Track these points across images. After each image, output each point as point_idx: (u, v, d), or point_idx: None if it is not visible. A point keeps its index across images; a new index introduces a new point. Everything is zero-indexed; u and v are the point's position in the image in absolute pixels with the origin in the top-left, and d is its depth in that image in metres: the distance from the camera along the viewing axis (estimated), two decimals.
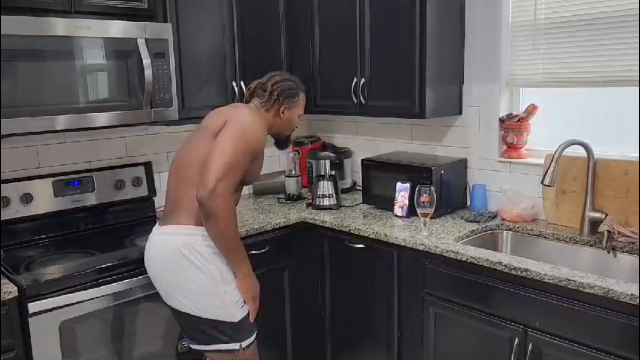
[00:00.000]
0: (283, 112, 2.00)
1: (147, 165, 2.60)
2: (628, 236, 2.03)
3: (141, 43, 2.15)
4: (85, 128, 2.11)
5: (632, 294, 1.59)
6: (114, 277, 1.99)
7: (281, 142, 2.14)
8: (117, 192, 2.49)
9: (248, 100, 2.05)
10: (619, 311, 1.63)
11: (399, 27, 2.41)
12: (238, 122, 1.83)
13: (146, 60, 2.15)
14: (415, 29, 2.34)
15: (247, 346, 1.87)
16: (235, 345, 1.84)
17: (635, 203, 2.07)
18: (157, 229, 1.92)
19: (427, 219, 2.26)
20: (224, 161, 1.73)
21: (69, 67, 2.01)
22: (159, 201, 2.68)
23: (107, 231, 2.44)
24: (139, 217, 2.57)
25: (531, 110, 2.42)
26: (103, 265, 1.98)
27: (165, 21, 2.29)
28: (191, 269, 1.78)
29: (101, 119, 2.12)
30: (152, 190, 2.61)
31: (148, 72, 2.16)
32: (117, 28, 2.10)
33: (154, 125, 2.55)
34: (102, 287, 1.95)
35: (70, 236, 2.36)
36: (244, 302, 1.86)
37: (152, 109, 2.24)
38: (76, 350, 1.92)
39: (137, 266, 2.03)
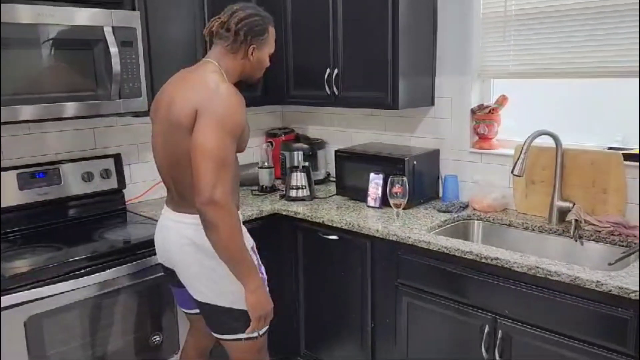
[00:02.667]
0: (252, 54, 1.77)
1: (117, 157, 2.55)
2: (594, 224, 2.08)
3: (108, 31, 2.10)
4: (51, 119, 2.05)
5: (597, 281, 1.63)
6: (83, 271, 1.94)
7: (252, 85, 1.95)
8: (85, 185, 2.43)
9: (209, 42, 1.81)
10: (585, 298, 1.67)
11: (371, 17, 2.41)
12: (212, 110, 1.59)
13: (113, 49, 2.10)
14: (387, 20, 2.34)
15: (264, 332, 1.81)
16: (253, 333, 1.76)
17: (602, 192, 2.12)
18: (169, 213, 1.81)
19: (400, 209, 2.28)
20: (212, 165, 1.55)
21: (33, 56, 1.95)
22: (130, 193, 2.64)
23: (75, 225, 2.39)
24: (109, 210, 2.52)
25: (502, 101, 2.45)
26: (71, 259, 1.93)
27: (133, 9, 2.24)
28: (206, 257, 1.69)
29: (68, 109, 2.06)
30: (122, 183, 2.56)
31: (116, 61, 2.11)
32: (82, 16, 2.04)
33: (123, 117, 2.49)
34: (71, 281, 1.90)
35: (36, 230, 2.29)
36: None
37: (121, 100, 2.19)
38: (44, 345, 1.88)
39: (105, 259, 1.99)
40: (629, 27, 2.03)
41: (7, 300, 1.77)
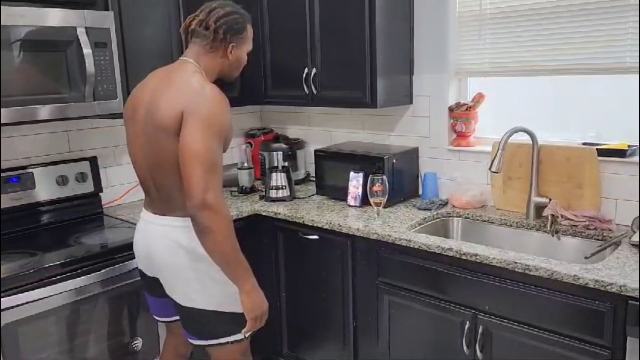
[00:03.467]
0: (231, 52, 1.75)
1: (93, 160, 2.51)
2: (570, 219, 2.11)
3: (81, 32, 2.06)
4: (24, 122, 2.00)
5: (574, 275, 1.65)
6: (59, 277, 1.91)
7: (230, 84, 1.92)
8: (60, 189, 2.38)
9: (186, 40, 1.77)
10: (563, 291, 1.70)
11: (348, 16, 2.41)
12: (199, 112, 1.56)
13: (87, 50, 2.06)
14: (364, 19, 2.35)
15: (250, 335, 1.78)
16: (239, 336, 1.74)
17: (577, 187, 2.15)
18: (152, 217, 1.76)
19: (380, 207, 2.28)
20: (202, 168, 1.52)
21: (4, 58, 1.90)
22: (107, 197, 2.60)
23: (51, 230, 2.34)
24: (85, 214, 2.47)
25: (478, 98, 2.48)
26: (46, 265, 1.89)
27: (107, 9, 2.20)
28: (194, 260, 1.67)
29: (41, 112, 2.01)
30: (99, 186, 2.52)
31: (89, 63, 2.07)
32: (54, 16, 2.00)
33: (99, 119, 2.45)
34: (47, 287, 1.86)
35: (11, 236, 2.24)
36: None
37: (96, 102, 2.15)
38: (19, 353, 1.83)
39: (82, 265, 1.96)
40: (601, 25, 2.06)
41: None
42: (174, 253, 1.70)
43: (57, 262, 1.92)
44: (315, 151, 2.69)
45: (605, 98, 2.19)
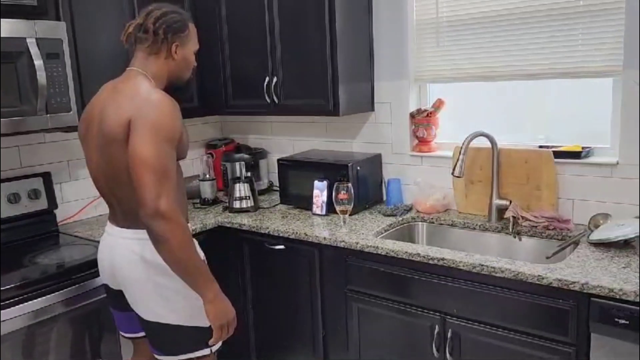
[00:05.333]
0: (176, 52, 1.70)
1: (46, 176, 2.40)
2: (530, 220, 2.16)
3: (31, 43, 1.98)
4: None
5: (538, 275, 1.69)
6: (14, 300, 1.81)
7: (182, 89, 1.85)
8: (11, 207, 2.27)
9: (132, 49, 1.73)
10: (528, 292, 1.73)
11: (308, 24, 2.41)
12: (146, 118, 1.52)
13: (38, 62, 1.98)
14: (325, 26, 2.35)
15: (217, 350, 1.74)
16: (206, 351, 1.69)
17: (536, 189, 2.21)
18: (115, 230, 1.71)
19: (346, 215, 2.28)
20: (152, 175, 1.47)
21: None
22: (62, 214, 2.50)
23: (3, 250, 2.21)
24: (39, 232, 2.37)
25: (438, 104, 2.52)
26: (1, 288, 1.79)
27: (59, 19, 2.12)
28: (158, 274, 1.61)
29: None
30: (53, 203, 2.41)
31: (41, 75, 1.99)
32: (3, 27, 1.91)
33: (52, 132, 2.36)
34: (1, 311, 1.77)
35: None
36: None
37: (48, 115, 2.06)
38: None
39: (38, 286, 1.87)
40: (551, 31, 2.14)
41: None
42: (137, 266, 1.65)
43: (12, 285, 1.82)
44: (278, 160, 2.67)
45: (553, 101, 2.27)
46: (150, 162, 1.48)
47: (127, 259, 1.67)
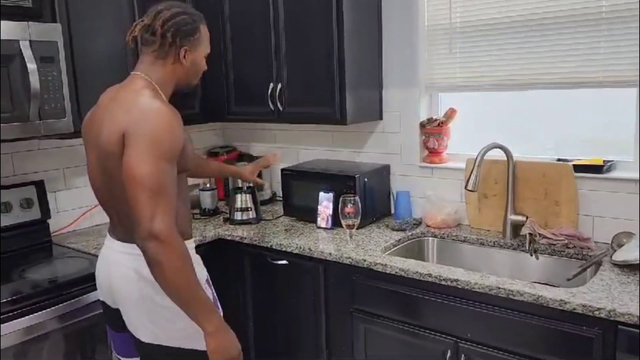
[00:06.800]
0: (185, 57, 1.58)
1: (39, 185, 2.30)
2: (549, 237, 2.05)
3: (24, 45, 1.88)
4: None
5: (560, 300, 1.57)
6: (3, 316, 1.71)
7: (189, 94, 1.73)
8: (2, 217, 2.17)
9: (137, 51, 1.62)
10: (549, 317, 1.62)
11: (316, 29, 2.30)
12: (141, 133, 1.41)
13: (31, 65, 1.88)
14: (332, 32, 2.25)
15: None
16: None
17: (554, 204, 2.10)
18: (114, 244, 1.62)
19: (353, 230, 2.17)
20: (146, 194, 1.36)
21: None
22: (56, 224, 2.39)
23: None
24: (32, 243, 2.26)
25: (450, 114, 2.41)
26: None
27: (54, 21, 2.02)
28: (158, 292, 1.47)
29: None
30: (46, 213, 2.31)
31: (34, 79, 1.89)
32: None
33: (46, 139, 2.26)
34: None
35: None
36: None
37: (42, 121, 1.97)
38: None
39: (29, 302, 1.77)
40: (570, 39, 2.03)
41: None
42: (134, 283, 1.54)
43: (2, 300, 1.73)
44: (282, 170, 2.56)
45: (563, 110, 2.17)
46: (145, 180, 1.36)
47: (124, 276, 1.57)
